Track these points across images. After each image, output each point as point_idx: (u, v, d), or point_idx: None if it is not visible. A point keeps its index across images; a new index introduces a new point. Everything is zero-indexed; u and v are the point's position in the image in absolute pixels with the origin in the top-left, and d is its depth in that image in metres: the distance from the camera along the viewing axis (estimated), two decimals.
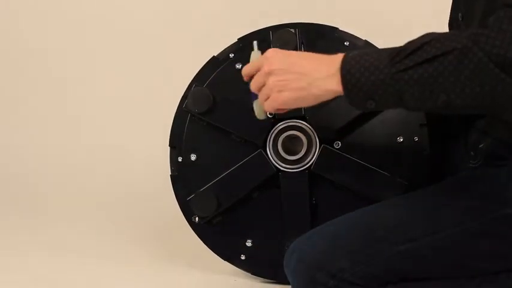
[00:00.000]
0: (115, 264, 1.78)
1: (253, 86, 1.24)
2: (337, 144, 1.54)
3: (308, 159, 1.55)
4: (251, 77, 1.25)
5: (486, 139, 1.28)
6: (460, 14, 1.34)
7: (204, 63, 1.61)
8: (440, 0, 1.61)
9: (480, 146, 1.29)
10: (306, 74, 1.16)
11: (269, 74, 1.19)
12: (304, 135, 1.55)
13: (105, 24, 2.71)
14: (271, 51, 1.22)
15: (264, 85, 1.21)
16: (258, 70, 1.23)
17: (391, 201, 1.32)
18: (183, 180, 1.60)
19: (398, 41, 1.14)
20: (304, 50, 1.54)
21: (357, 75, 1.11)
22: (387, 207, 1.29)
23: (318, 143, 1.54)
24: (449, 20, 1.49)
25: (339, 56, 1.15)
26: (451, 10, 1.46)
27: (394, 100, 1.11)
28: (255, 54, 1.32)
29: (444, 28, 1.51)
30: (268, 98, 1.20)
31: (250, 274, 1.62)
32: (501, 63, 1.04)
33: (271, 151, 1.56)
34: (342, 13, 2.29)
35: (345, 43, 1.57)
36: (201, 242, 1.61)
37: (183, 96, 1.61)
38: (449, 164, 1.48)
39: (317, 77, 1.15)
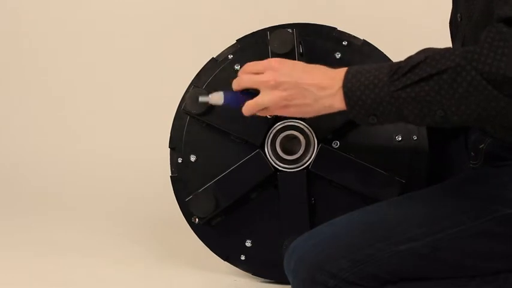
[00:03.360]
0: (115, 264, 1.78)
1: (248, 83, 1.27)
2: (336, 144, 1.54)
3: (306, 158, 1.54)
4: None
5: (486, 139, 1.29)
6: (458, 15, 1.35)
7: (203, 64, 1.61)
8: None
9: (480, 146, 1.30)
10: (311, 90, 1.20)
11: (275, 86, 1.22)
12: (302, 134, 1.54)
13: (105, 26, 2.70)
14: (276, 61, 1.25)
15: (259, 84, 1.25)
16: (258, 72, 1.26)
17: (391, 201, 1.33)
18: (183, 181, 1.61)
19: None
20: (303, 50, 1.55)
21: (357, 93, 1.15)
22: (387, 207, 1.29)
23: (316, 143, 1.54)
24: (450, 19, 1.49)
25: (341, 72, 1.18)
26: (452, 9, 1.46)
27: (395, 116, 1.14)
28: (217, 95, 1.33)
29: (443, 28, 1.52)
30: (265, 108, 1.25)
31: (250, 274, 1.62)
32: (493, 81, 1.05)
33: (270, 151, 1.55)
34: (341, 13, 2.30)
35: (343, 43, 1.57)
36: (201, 242, 1.62)
37: (182, 98, 1.62)
38: (450, 164, 1.49)
39: (321, 95, 1.19)
